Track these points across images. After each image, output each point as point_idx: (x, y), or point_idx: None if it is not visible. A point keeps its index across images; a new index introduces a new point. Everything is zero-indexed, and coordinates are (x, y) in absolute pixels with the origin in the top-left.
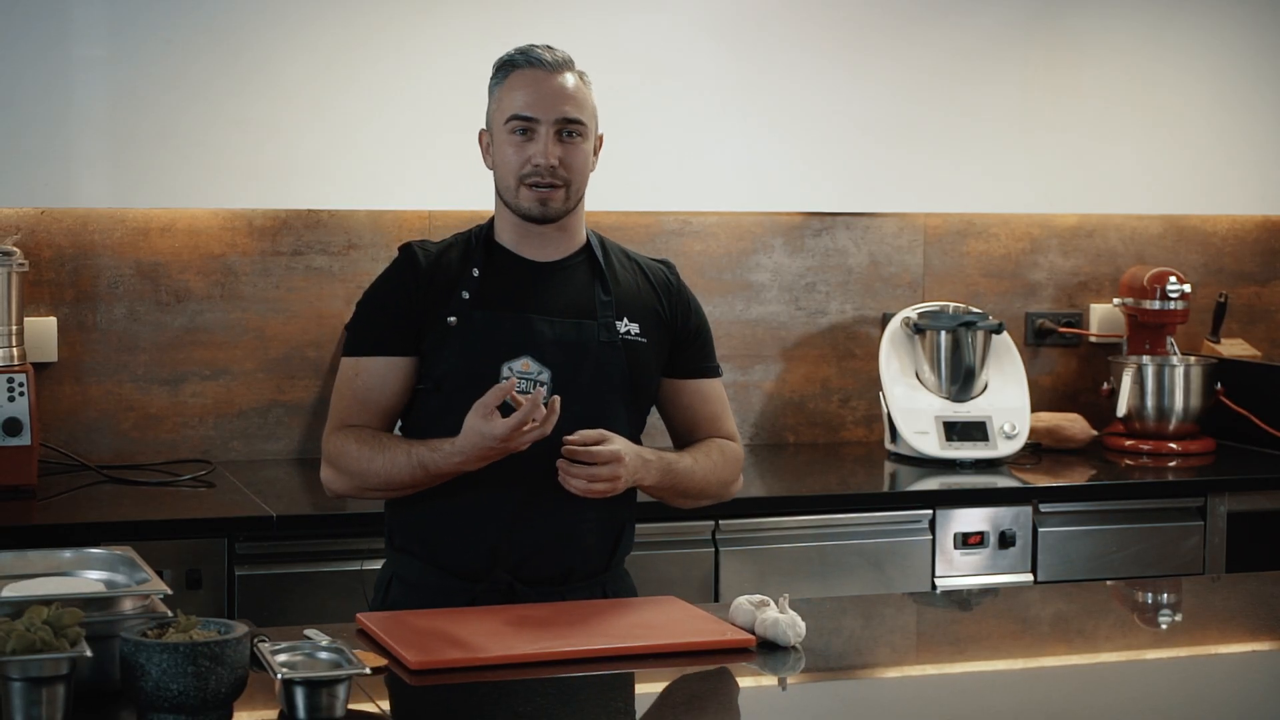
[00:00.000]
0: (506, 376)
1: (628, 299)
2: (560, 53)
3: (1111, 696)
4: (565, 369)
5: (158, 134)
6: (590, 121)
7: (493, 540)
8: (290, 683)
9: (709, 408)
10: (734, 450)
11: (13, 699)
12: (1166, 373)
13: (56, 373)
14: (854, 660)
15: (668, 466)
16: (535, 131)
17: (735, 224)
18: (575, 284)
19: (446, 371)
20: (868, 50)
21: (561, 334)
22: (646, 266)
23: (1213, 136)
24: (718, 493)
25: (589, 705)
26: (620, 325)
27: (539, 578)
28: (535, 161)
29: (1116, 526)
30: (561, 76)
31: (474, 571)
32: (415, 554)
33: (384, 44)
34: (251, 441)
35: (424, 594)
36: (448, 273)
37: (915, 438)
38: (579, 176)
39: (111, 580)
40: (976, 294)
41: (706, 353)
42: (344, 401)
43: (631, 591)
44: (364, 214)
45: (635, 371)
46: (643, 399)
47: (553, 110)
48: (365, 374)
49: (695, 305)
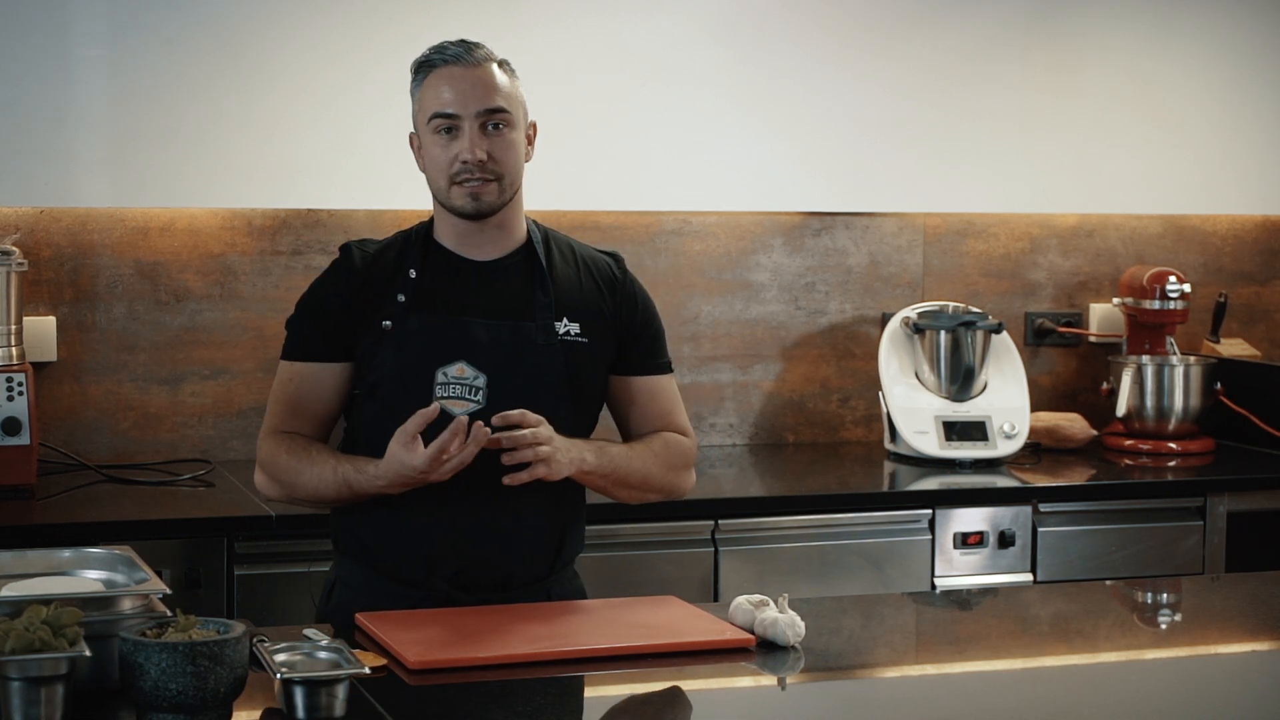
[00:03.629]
0: (441, 382)
1: (568, 297)
2: (479, 46)
3: (1111, 696)
4: (501, 373)
5: (158, 134)
6: (516, 110)
7: (428, 549)
8: (289, 682)
9: (659, 404)
10: (681, 442)
11: (11, 699)
12: (1166, 372)
13: (56, 372)
14: (853, 660)
15: (601, 448)
16: (459, 128)
17: (735, 224)
18: (513, 284)
19: (381, 377)
20: (868, 50)
21: (497, 337)
22: (591, 260)
23: (1213, 136)
24: (664, 483)
25: (588, 705)
26: (560, 326)
27: (477, 584)
28: (463, 158)
29: (1116, 526)
30: (480, 69)
31: (413, 579)
32: (357, 557)
33: (384, 44)
34: (251, 441)
35: (367, 598)
36: (384, 274)
37: (915, 437)
38: (510, 168)
39: (110, 580)
40: (976, 294)
41: (656, 348)
42: (278, 406)
43: (580, 593)
44: (363, 214)
45: (576, 372)
46: (587, 400)
47: (474, 103)
48: (299, 380)
49: (643, 299)
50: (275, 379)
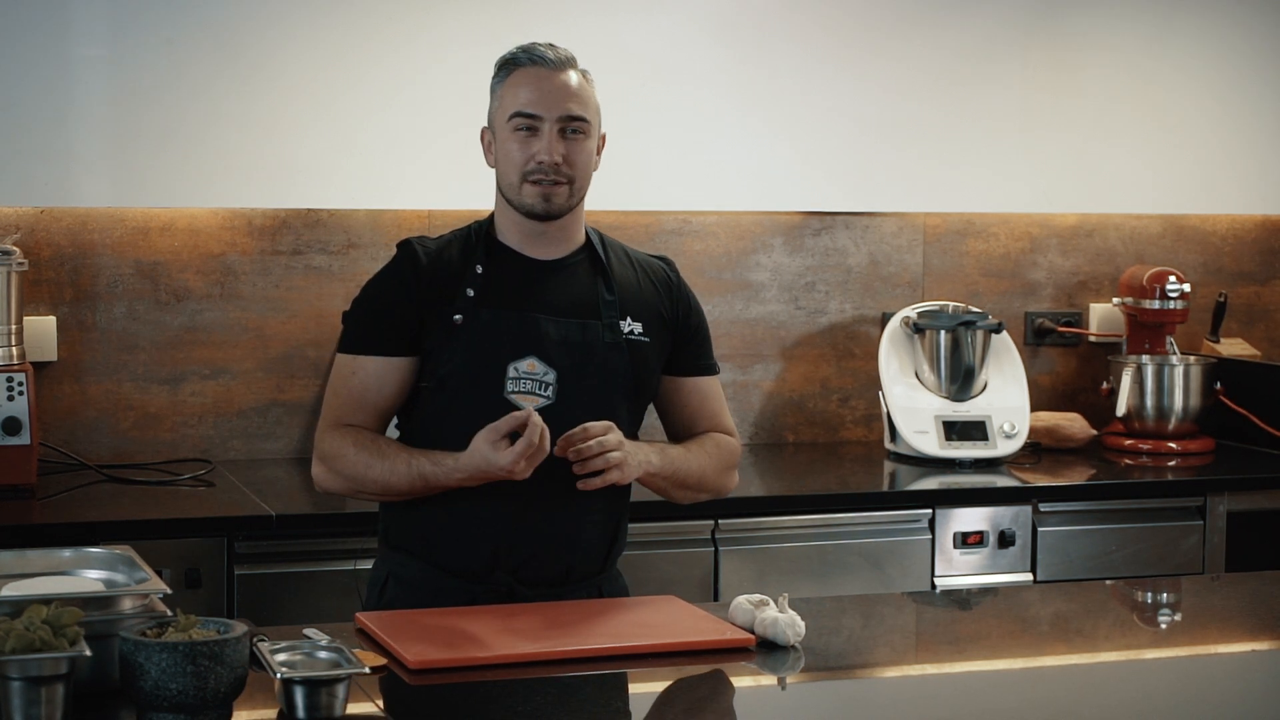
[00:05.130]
0: (513, 376)
1: (630, 298)
2: (563, 51)
3: (1111, 696)
4: (571, 370)
5: (158, 133)
6: (593, 119)
7: (494, 542)
8: (290, 682)
9: (708, 405)
10: (730, 443)
11: (12, 698)
12: (1166, 372)
13: (56, 372)
14: (853, 660)
15: (663, 450)
16: (539, 129)
17: (735, 223)
18: (578, 283)
19: (451, 370)
20: (868, 50)
21: (567, 334)
22: (646, 264)
23: (1213, 136)
24: (716, 484)
25: (588, 705)
26: (624, 325)
27: (539, 579)
28: (539, 159)
29: (1116, 526)
30: (565, 74)
31: (474, 572)
32: (413, 553)
33: (384, 44)
34: (251, 441)
35: (422, 593)
36: (449, 269)
37: (915, 437)
38: (582, 174)
39: (111, 579)
40: (976, 293)
41: (705, 350)
42: (339, 399)
43: (624, 591)
44: (363, 213)
45: (638, 371)
46: (644, 398)
47: (556, 107)
48: (362, 373)
49: (695, 303)
50: (333, 372)
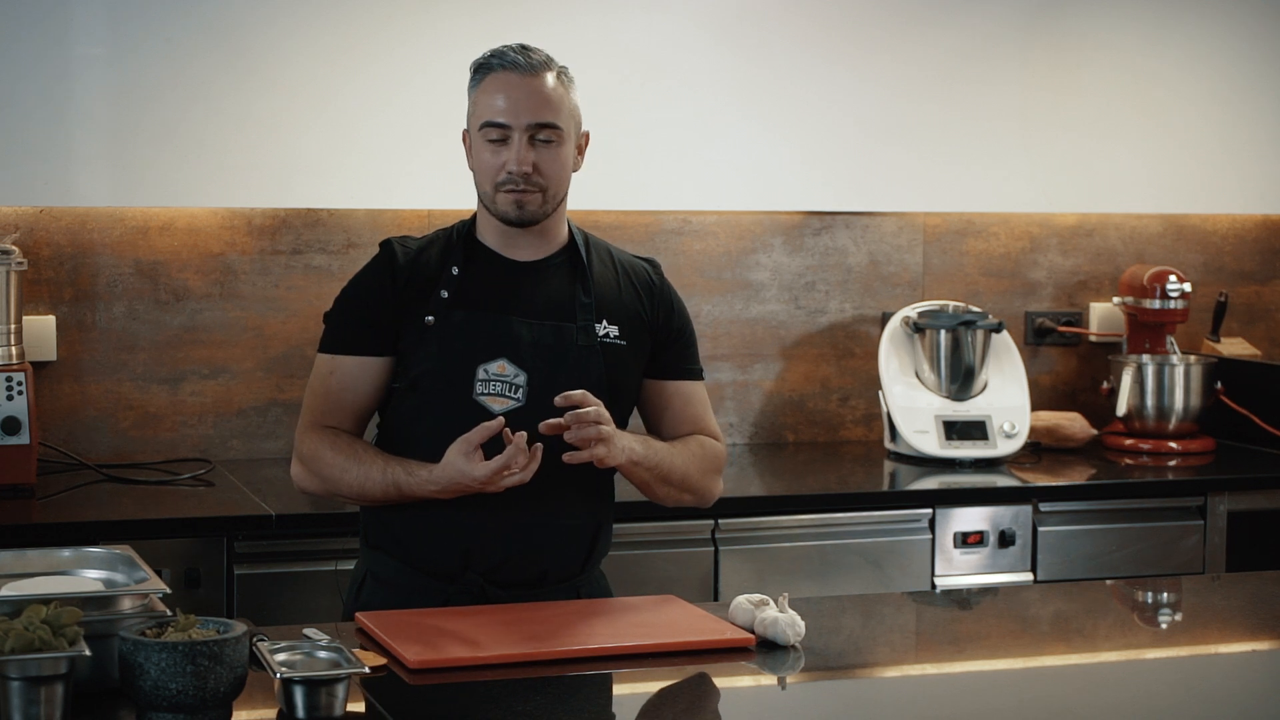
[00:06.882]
0: (482, 378)
1: (608, 300)
2: (537, 54)
3: (1111, 696)
4: (543, 372)
5: (157, 133)
6: (567, 124)
7: (467, 542)
8: (289, 682)
9: (691, 409)
10: (714, 446)
11: (11, 698)
12: (1166, 372)
13: (55, 371)
14: (853, 660)
15: (647, 441)
16: (509, 138)
17: (735, 223)
18: (555, 285)
19: (422, 371)
20: (868, 50)
21: (539, 337)
22: (629, 266)
23: (1213, 136)
24: (700, 485)
25: (588, 705)
26: (599, 328)
27: (512, 581)
28: (509, 169)
29: (1116, 525)
30: (537, 79)
31: (447, 573)
32: (390, 551)
33: (384, 44)
34: (250, 440)
35: (398, 592)
36: (427, 270)
37: (915, 437)
38: (555, 181)
39: (110, 579)
40: (976, 293)
41: (689, 354)
42: (317, 399)
43: (606, 593)
44: (363, 213)
45: (614, 374)
46: (622, 402)
47: (525, 115)
48: (340, 372)
49: (679, 305)
50: (313, 372)
